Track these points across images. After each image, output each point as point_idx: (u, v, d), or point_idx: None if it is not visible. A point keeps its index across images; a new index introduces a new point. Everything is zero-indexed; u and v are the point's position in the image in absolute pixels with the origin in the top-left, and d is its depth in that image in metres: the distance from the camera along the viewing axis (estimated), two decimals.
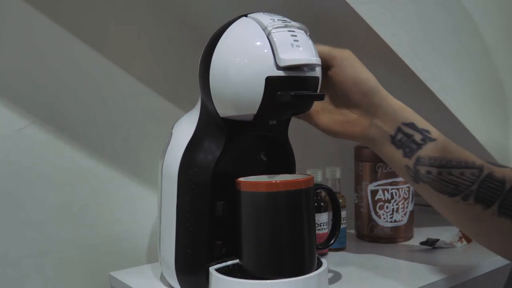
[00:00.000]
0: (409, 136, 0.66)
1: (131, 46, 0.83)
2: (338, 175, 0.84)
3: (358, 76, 0.66)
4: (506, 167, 0.66)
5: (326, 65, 0.66)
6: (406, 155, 0.66)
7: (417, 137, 0.65)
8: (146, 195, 0.85)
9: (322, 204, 0.79)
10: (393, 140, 0.66)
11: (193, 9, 0.85)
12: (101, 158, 0.81)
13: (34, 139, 0.75)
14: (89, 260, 0.80)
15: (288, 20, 0.59)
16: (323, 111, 0.70)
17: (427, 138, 0.65)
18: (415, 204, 0.91)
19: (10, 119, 0.73)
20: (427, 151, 0.65)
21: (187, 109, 0.71)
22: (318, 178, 0.82)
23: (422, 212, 1.02)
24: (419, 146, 0.65)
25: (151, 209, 0.85)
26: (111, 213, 0.82)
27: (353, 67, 0.66)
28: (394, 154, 0.67)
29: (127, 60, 0.83)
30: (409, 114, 0.67)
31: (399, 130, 0.66)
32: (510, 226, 0.63)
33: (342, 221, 0.82)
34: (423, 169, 0.65)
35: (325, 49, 0.66)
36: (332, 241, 0.67)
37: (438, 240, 0.84)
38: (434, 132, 0.66)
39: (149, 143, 0.85)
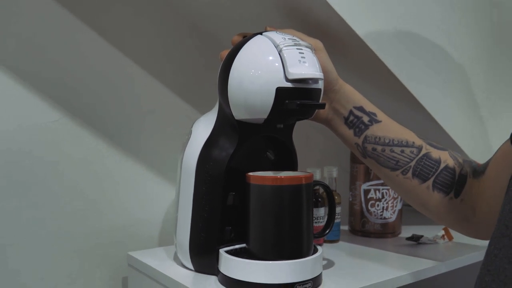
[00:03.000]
0: (358, 118, 0.75)
1: (153, 53, 0.93)
2: (334, 174, 0.94)
3: (325, 67, 0.73)
4: (445, 149, 0.76)
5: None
6: (356, 134, 0.76)
7: (365, 119, 0.75)
8: (160, 186, 0.95)
9: (319, 199, 0.89)
10: (346, 121, 0.76)
11: (206, 14, 0.94)
12: (122, 153, 0.90)
13: (61, 133, 0.84)
14: (108, 242, 0.90)
15: (297, 39, 0.69)
16: None
17: (373, 120, 0.75)
18: (403, 205, 1.01)
19: (44, 112, 0.82)
20: (373, 131, 0.75)
21: (201, 109, 0.80)
22: (317, 176, 0.91)
23: (410, 212, 1.12)
24: (367, 126, 0.75)
25: (164, 198, 0.95)
26: (128, 201, 0.92)
27: (322, 58, 0.73)
28: (347, 133, 0.77)
29: (149, 64, 0.92)
30: (359, 98, 0.76)
31: (351, 112, 0.76)
32: (442, 199, 0.73)
33: (336, 216, 0.91)
34: (369, 146, 0.75)
35: (300, 35, 0.72)
36: (327, 231, 0.76)
37: (422, 236, 0.94)
38: (380, 115, 0.76)
39: (164, 141, 0.94)
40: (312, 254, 0.71)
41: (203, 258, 0.74)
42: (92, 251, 0.88)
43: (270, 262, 0.68)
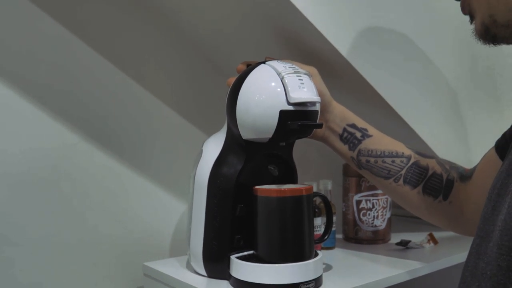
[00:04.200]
0: (352, 134, 0.85)
1: (163, 79, 1.02)
2: (329, 187, 1.03)
3: (320, 90, 0.81)
4: (433, 157, 0.85)
5: None
6: (350, 148, 0.85)
7: (358, 134, 0.85)
8: (171, 201, 1.03)
9: (316, 210, 0.98)
10: (341, 138, 0.85)
11: (213, 44, 1.03)
12: (136, 170, 0.99)
13: (82, 151, 0.93)
14: (123, 254, 0.97)
15: (296, 67, 0.78)
16: None
17: (365, 135, 0.85)
18: (392, 214, 1.10)
19: (65, 134, 0.91)
20: (366, 145, 0.84)
21: (203, 127, 0.88)
22: (313, 189, 1.00)
23: (399, 220, 1.21)
24: (360, 141, 0.85)
25: (174, 212, 1.03)
26: (140, 215, 1.00)
27: (317, 82, 0.82)
28: (342, 148, 0.86)
29: (163, 89, 1.02)
30: (351, 117, 0.86)
31: (344, 130, 0.85)
32: (432, 202, 0.83)
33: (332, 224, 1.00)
34: (363, 159, 0.85)
35: (297, 64, 0.81)
36: (326, 237, 0.85)
37: (410, 241, 1.03)
38: (371, 130, 0.86)
39: (174, 158, 1.03)
40: (314, 257, 0.79)
41: (216, 264, 0.82)
42: (108, 263, 0.96)
43: (277, 265, 0.76)
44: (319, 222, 0.96)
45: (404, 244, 1.02)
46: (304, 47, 0.90)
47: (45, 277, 0.89)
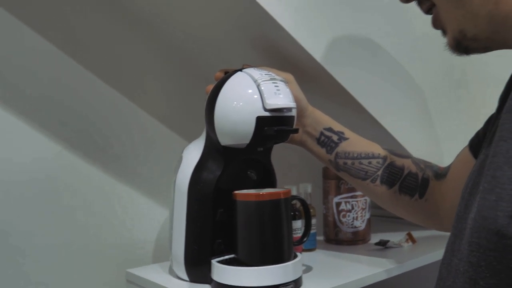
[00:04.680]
0: (329, 138, 0.87)
1: (148, 89, 1.04)
2: (309, 190, 1.05)
3: (297, 96, 0.84)
4: (408, 157, 0.88)
5: None
6: (328, 152, 0.87)
7: (334, 138, 0.87)
8: (154, 207, 1.04)
9: (296, 213, 0.99)
10: (318, 141, 0.88)
11: (197, 53, 1.05)
12: (119, 177, 1.00)
13: (67, 160, 0.94)
14: (106, 259, 0.98)
15: (272, 74, 0.80)
16: None
17: (342, 138, 0.87)
18: (372, 215, 1.12)
19: (49, 144, 0.92)
20: (343, 147, 0.87)
21: (186, 137, 0.90)
22: (293, 192, 1.02)
23: (379, 220, 1.24)
24: (337, 144, 0.87)
25: (156, 220, 1.05)
26: (125, 222, 1.01)
27: (293, 89, 0.84)
28: (320, 152, 0.88)
29: (145, 100, 1.03)
30: (328, 121, 0.88)
31: (321, 134, 0.87)
32: (408, 200, 0.85)
33: (312, 227, 1.02)
34: (341, 161, 0.87)
35: (273, 71, 0.83)
36: (305, 239, 0.87)
37: (388, 241, 1.05)
38: (347, 133, 0.88)
39: (156, 166, 1.04)
40: (293, 259, 0.81)
41: (197, 269, 0.83)
42: (91, 269, 0.97)
43: (257, 267, 0.78)
44: (299, 225, 0.98)
45: (382, 244, 1.05)
46: (282, 54, 0.92)
47: (27, 283, 0.90)
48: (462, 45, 0.58)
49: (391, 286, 1.01)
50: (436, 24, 0.62)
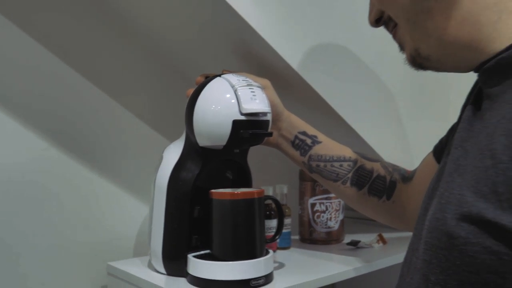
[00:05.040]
0: (303, 141, 0.92)
1: (130, 90, 1.08)
2: (285, 190, 1.09)
3: (273, 101, 0.88)
4: (377, 161, 0.92)
5: None
6: (302, 154, 0.92)
7: (308, 141, 0.92)
8: (136, 205, 1.09)
9: (272, 212, 1.04)
10: (293, 144, 0.92)
11: (180, 57, 1.10)
12: (101, 176, 1.04)
13: (53, 159, 0.98)
14: (89, 253, 1.03)
15: (249, 80, 0.85)
16: None
17: (315, 141, 0.92)
18: (345, 216, 1.17)
19: (36, 142, 0.96)
20: (316, 150, 0.91)
21: (170, 138, 0.95)
22: (270, 193, 1.06)
23: (352, 222, 1.29)
24: (310, 147, 0.91)
25: (138, 215, 1.09)
26: (107, 218, 1.05)
27: (270, 94, 0.89)
28: (295, 154, 0.93)
29: (128, 101, 1.07)
30: (302, 125, 0.93)
31: (296, 137, 0.92)
32: (377, 202, 0.90)
33: (287, 226, 1.07)
34: (314, 164, 0.91)
35: (251, 77, 0.88)
36: (277, 237, 0.92)
37: (359, 241, 1.10)
38: (321, 137, 0.93)
39: (140, 164, 1.09)
40: (264, 255, 0.86)
41: (174, 263, 0.88)
42: (74, 263, 1.01)
43: (230, 262, 0.82)
44: (274, 224, 1.03)
45: (354, 244, 1.10)
46: (260, 61, 0.97)
47: (13, 277, 0.94)
48: (417, 62, 0.63)
49: (362, 284, 1.05)
50: (396, 40, 0.66)
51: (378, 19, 0.66)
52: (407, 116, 1.11)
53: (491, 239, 0.46)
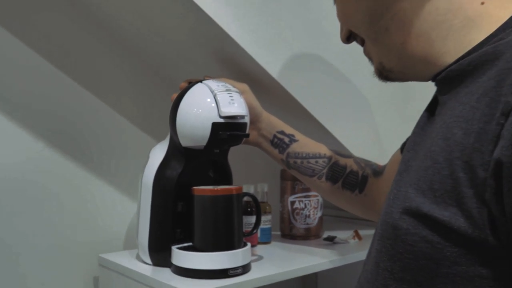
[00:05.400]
0: (281, 140, 0.99)
1: (119, 94, 1.15)
2: (265, 189, 1.17)
3: (251, 103, 0.96)
4: (351, 157, 0.99)
5: None
6: (280, 152, 0.99)
7: (286, 140, 0.99)
8: (124, 201, 1.16)
9: (253, 209, 1.11)
10: (272, 143, 0.99)
11: (166, 63, 1.17)
12: (93, 175, 1.12)
13: (45, 160, 1.05)
14: (84, 248, 1.10)
15: (228, 86, 0.92)
16: None
17: (292, 140, 0.99)
18: (324, 214, 1.24)
19: (32, 143, 1.04)
20: (293, 148, 0.98)
21: (156, 138, 1.03)
22: (251, 191, 1.14)
23: (331, 220, 1.36)
24: (288, 145, 0.98)
25: (127, 211, 1.16)
26: (98, 214, 1.13)
27: (248, 97, 0.96)
28: (274, 152, 1.00)
29: (116, 104, 1.15)
30: (280, 125, 1.00)
31: (274, 136, 0.99)
32: (350, 195, 0.97)
33: (268, 222, 1.14)
34: (291, 160, 0.98)
35: (231, 82, 0.95)
36: (255, 231, 0.99)
37: (335, 237, 1.17)
38: (298, 135, 0.99)
39: (129, 164, 1.16)
40: (242, 247, 0.93)
41: (159, 254, 0.95)
42: (68, 256, 1.08)
43: (210, 253, 0.89)
44: (253, 220, 1.10)
45: (330, 239, 1.17)
46: (239, 67, 1.04)
47: (10, 268, 1.01)
48: (383, 74, 0.69)
49: (341, 275, 1.12)
50: (365, 54, 0.73)
51: (349, 37, 0.73)
52: (379, 116, 1.18)
53: (427, 230, 0.51)
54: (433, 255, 0.51)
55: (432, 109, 0.65)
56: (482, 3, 0.56)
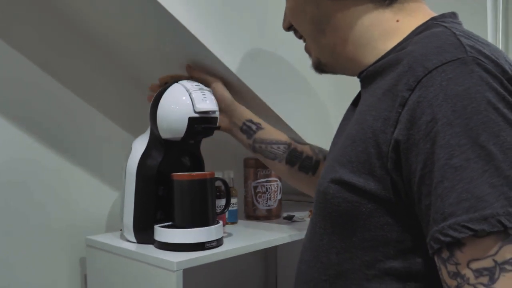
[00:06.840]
0: (249, 127, 1.13)
1: (101, 94, 1.28)
2: (232, 175, 1.32)
3: (222, 94, 1.11)
4: (307, 144, 1.15)
5: (207, 85, 1.12)
6: (248, 138, 1.13)
7: (253, 127, 1.13)
8: (107, 188, 1.29)
9: (222, 193, 1.26)
10: (241, 129, 1.14)
11: (142, 68, 1.31)
12: (79, 164, 1.24)
13: (36, 153, 1.17)
14: (69, 229, 1.23)
15: (201, 85, 1.07)
16: None
17: (259, 128, 1.13)
18: (283, 199, 1.41)
19: (23, 138, 1.15)
20: (259, 135, 1.13)
21: (135, 133, 1.16)
22: (220, 176, 1.29)
23: (289, 203, 1.53)
24: (255, 132, 1.13)
25: (110, 197, 1.29)
26: (83, 201, 1.25)
27: (220, 89, 1.11)
28: (243, 138, 1.14)
29: (100, 103, 1.28)
30: (249, 114, 1.14)
31: (244, 123, 1.13)
32: (305, 176, 1.12)
33: (234, 205, 1.30)
34: (257, 145, 1.13)
35: (203, 75, 1.11)
36: (225, 210, 1.14)
37: (294, 216, 1.34)
38: (264, 124, 1.14)
39: (111, 155, 1.29)
40: (215, 224, 1.08)
41: (143, 233, 1.09)
42: (56, 239, 1.21)
43: (188, 229, 1.04)
44: (223, 203, 1.25)
45: (289, 218, 1.34)
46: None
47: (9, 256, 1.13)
48: (319, 68, 0.84)
49: (295, 249, 1.28)
50: (306, 50, 0.88)
51: (289, 27, 0.86)
52: (331, 108, 1.36)
53: (348, 193, 0.66)
54: (353, 211, 0.65)
55: (356, 101, 0.80)
56: (397, 21, 0.73)
